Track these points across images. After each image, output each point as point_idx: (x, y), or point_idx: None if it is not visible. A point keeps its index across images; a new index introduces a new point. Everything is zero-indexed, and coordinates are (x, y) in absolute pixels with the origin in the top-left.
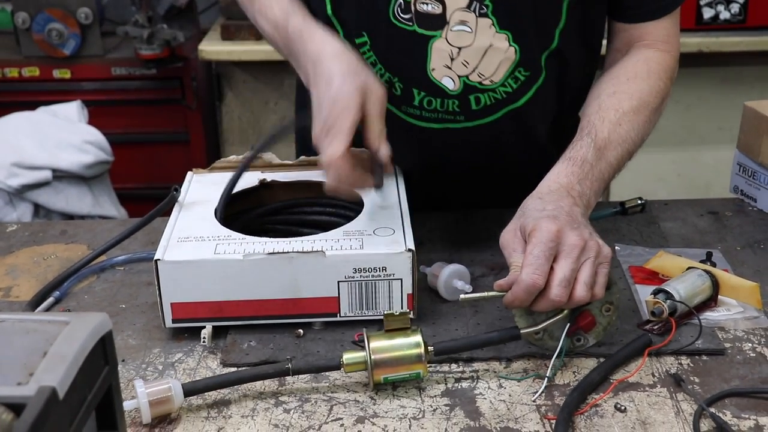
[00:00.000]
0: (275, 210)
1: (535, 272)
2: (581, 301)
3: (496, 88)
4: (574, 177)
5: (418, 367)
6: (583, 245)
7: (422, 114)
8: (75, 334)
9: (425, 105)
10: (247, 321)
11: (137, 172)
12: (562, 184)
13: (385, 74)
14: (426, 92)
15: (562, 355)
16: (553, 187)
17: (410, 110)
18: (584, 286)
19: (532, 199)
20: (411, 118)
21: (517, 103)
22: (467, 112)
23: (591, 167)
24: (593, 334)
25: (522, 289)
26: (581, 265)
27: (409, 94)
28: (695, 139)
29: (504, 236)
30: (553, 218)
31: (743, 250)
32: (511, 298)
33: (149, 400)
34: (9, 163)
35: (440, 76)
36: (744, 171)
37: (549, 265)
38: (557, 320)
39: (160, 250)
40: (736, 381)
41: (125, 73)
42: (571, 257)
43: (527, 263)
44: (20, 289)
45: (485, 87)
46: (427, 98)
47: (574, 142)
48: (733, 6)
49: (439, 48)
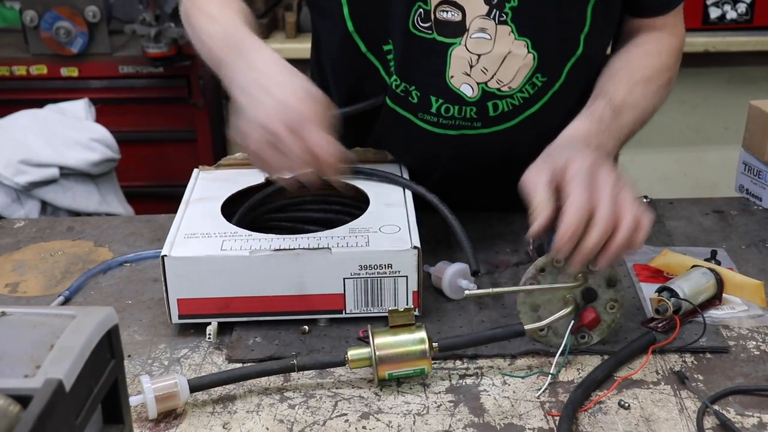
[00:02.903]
0: (281, 207)
1: (585, 191)
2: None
3: (514, 94)
4: (593, 130)
5: (423, 363)
6: (616, 175)
7: (439, 121)
8: (81, 327)
9: (443, 112)
10: (252, 317)
11: (144, 170)
12: (582, 135)
13: (401, 84)
14: (444, 99)
15: (567, 352)
16: (574, 136)
17: (427, 117)
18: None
19: (555, 146)
20: (428, 125)
21: (533, 108)
22: (485, 119)
23: (608, 125)
24: (597, 331)
25: (573, 213)
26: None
27: (427, 101)
28: (701, 139)
29: (527, 175)
30: (585, 154)
31: (748, 249)
32: (565, 230)
33: (155, 396)
34: (16, 160)
35: (459, 84)
36: (749, 170)
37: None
38: (562, 317)
39: (167, 246)
40: (740, 379)
41: (132, 71)
42: (609, 186)
43: (572, 190)
44: (27, 285)
45: (503, 93)
46: (445, 105)
47: (589, 103)
48: (740, 6)
49: (458, 55)
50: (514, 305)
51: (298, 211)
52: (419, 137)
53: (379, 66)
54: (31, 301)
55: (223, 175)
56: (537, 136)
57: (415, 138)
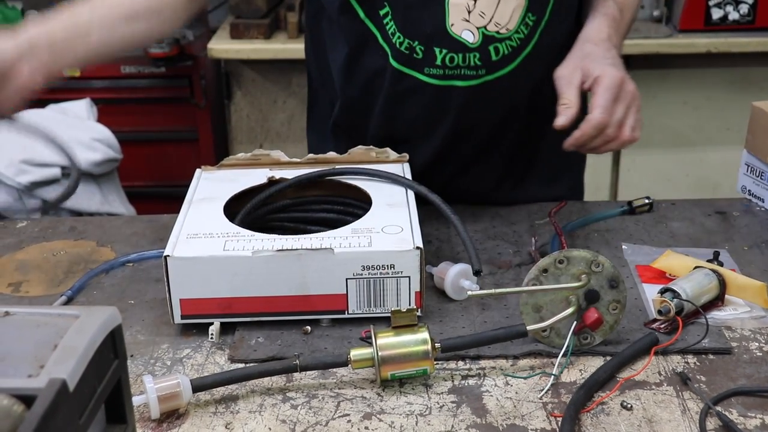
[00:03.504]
0: (283, 207)
1: (605, 112)
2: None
3: (512, 35)
4: (612, 30)
5: (425, 363)
6: (635, 93)
7: (445, 73)
8: (85, 327)
9: (448, 62)
10: (255, 317)
11: (146, 169)
12: (606, 35)
13: (405, 41)
14: (448, 49)
15: (569, 353)
16: (601, 36)
17: (433, 71)
18: (630, 129)
19: (590, 43)
20: (434, 79)
21: (527, 49)
22: (488, 65)
23: (618, 24)
24: (600, 332)
25: (592, 126)
26: (629, 109)
27: (431, 54)
28: (703, 140)
29: (562, 70)
30: (616, 67)
31: (750, 250)
32: (580, 135)
33: (158, 396)
34: (18, 160)
35: (460, 30)
36: (752, 171)
37: (614, 106)
38: (564, 318)
39: (170, 246)
40: (742, 380)
41: (134, 71)
42: (625, 102)
43: (599, 104)
44: (30, 285)
45: (502, 36)
46: (449, 55)
47: (599, 5)
48: (742, 6)
49: (455, 3)
50: (516, 306)
51: (301, 211)
52: (426, 94)
53: (377, 33)
54: (34, 301)
55: (225, 176)
56: (532, 85)
57: (422, 96)
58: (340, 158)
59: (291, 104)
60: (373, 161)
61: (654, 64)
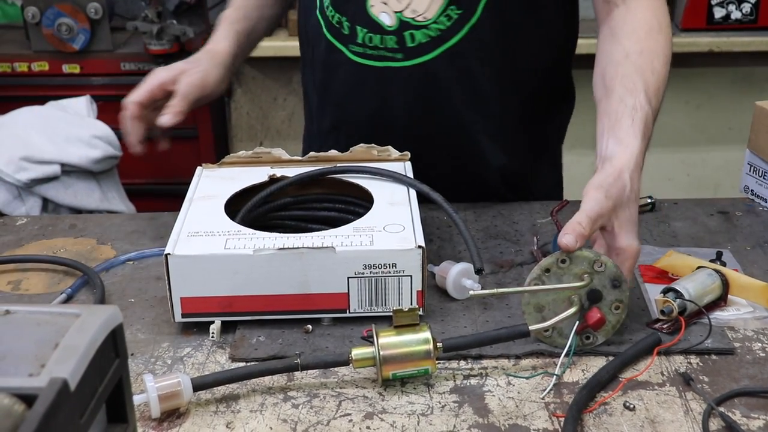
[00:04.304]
0: (284, 205)
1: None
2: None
3: (429, 24)
4: (644, 143)
5: (427, 363)
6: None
7: (365, 52)
8: (86, 326)
9: (367, 42)
10: (256, 316)
11: (145, 167)
12: (640, 159)
13: (335, 15)
14: (367, 29)
15: (572, 352)
16: (636, 159)
17: (355, 48)
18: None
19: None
20: (356, 57)
21: (451, 41)
22: (405, 50)
23: (648, 126)
24: (602, 332)
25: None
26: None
27: (354, 32)
28: (705, 139)
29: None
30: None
31: (753, 250)
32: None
33: (159, 395)
34: (18, 157)
35: (378, 12)
36: (754, 171)
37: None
38: (566, 318)
39: (170, 244)
40: (745, 380)
41: (134, 68)
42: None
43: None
44: (30, 283)
45: (419, 24)
46: (368, 35)
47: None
48: (745, 6)
49: None
50: (518, 305)
51: (302, 209)
52: (350, 71)
53: (318, 3)
54: (33, 299)
55: (226, 173)
56: (460, 73)
57: (346, 73)
58: (342, 156)
59: (291, 102)
60: (374, 159)
61: None
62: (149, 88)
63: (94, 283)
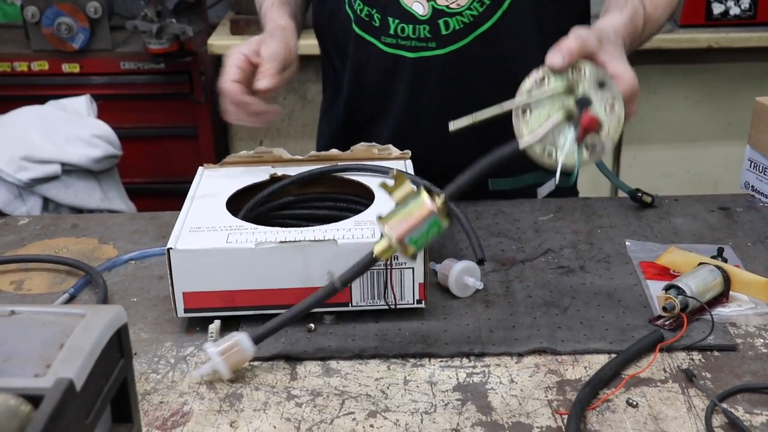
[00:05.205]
0: (286, 204)
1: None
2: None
3: (463, 11)
4: (627, 37)
5: (434, 216)
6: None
7: (398, 42)
8: (91, 326)
9: (399, 32)
10: (258, 311)
11: (146, 166)
12: (622, 35)
13: (364, 8)
14: (400, 19)
15: (578, 163)
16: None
17: (388, 40)
18: None
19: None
20: (389, 48)
21: (484, 26)
22: (438, 38)
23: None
24: (605, 135)
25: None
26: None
27: (386, 23)
28: (704, 135)
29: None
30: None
31: (754, 246)
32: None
33: (223, 357)
34: (18, 156)
35: (410, 2)
36: (755, 167)
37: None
38: (555, 126)
39: (172, 239)
40: (748, 377)
41: (134, 67)
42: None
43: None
44: (32, 282)
45: (452, 11)
46: (401, 25)
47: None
48: (743, 2)
49: None
50: (521, 300)
51: (304, 208)
52: (381, 62)
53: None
54: (36, 299)
55: (227, 173)
56: (494, 58)
57: (378, 64)
58: (343, 155)
59: (291, 100)
60: (375, 158)
61: (655, 60)
62: (237, 63)
63: (96, 282)
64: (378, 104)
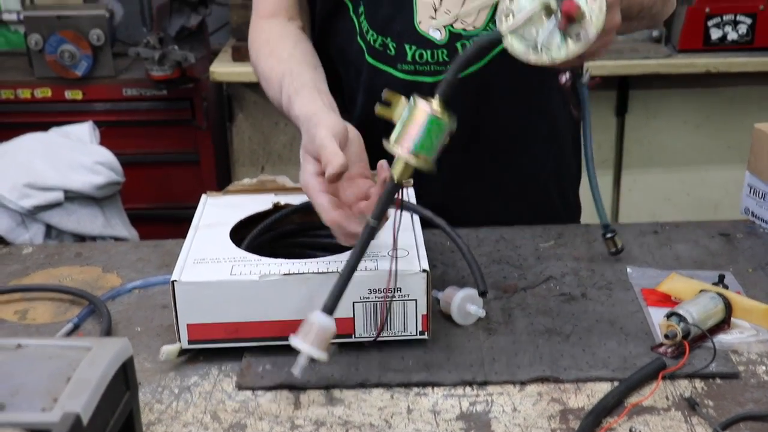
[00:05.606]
0: (290, 232)
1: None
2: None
3: (479, 34)
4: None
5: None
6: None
7: (416, 68)
8: (98, 359)
9: (417, 59)
10: (262, 342)
11: (148, 192)
12: None
13: (378, 38)
14: (417, 46)
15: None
16: None
17: (405, 66)
18: None
19: None
20: (406, 75)
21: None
22: None
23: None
24: (588, 24)
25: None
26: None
27: (402, 50)
28: (704, 159)
29: None
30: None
31: (755, 272)
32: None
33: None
34: (21, 183)
35: (427, 28)
36: (755, 193)
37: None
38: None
39: (177, 271)
40: (750, 404)
41: (136, 94)
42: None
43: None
44: (36, 312)
45: (470, 33)
46: (418, 51)
47: None
48: (741, 27)
49: (423, 1)
50: (524, 329)
51: (308, 236)
52: (400, 89)
53: (357, 29)
54: (40, 329)
55: (231, 201)
56: (510, 75)
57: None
58: None
59: (293, 127)
60: None
61: (654, 85)
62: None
63: (100, 312)
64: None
